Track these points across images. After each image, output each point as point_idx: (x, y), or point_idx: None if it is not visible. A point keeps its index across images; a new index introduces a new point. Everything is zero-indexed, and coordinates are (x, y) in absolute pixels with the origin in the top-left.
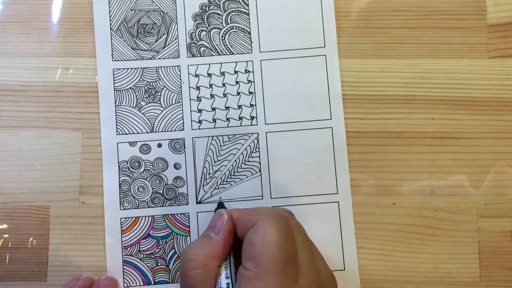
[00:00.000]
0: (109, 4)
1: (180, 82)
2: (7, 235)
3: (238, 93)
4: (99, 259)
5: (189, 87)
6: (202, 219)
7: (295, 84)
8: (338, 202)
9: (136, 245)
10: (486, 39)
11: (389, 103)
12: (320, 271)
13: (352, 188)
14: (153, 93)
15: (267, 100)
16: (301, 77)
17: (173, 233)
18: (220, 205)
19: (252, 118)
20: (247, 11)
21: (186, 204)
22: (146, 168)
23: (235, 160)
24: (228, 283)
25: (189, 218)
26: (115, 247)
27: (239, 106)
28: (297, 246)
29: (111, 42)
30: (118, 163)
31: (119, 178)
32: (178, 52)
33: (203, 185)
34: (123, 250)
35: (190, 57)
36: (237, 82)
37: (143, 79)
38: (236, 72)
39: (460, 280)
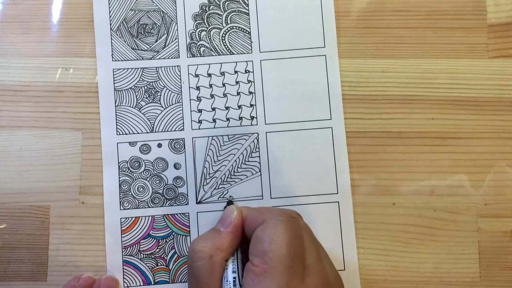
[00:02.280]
0: (109, 4)
1: (180, 82)
2: (7, 235)
3: (238, 93)
4: (99, 259)
5: (189, 87)
6: (202, 219)
7: (295, 84)
8: (338, 202)
9: (136, 245)
10: (486, 39)
11: (389, 103)
12: (327, 272)
13: (352, 188)
14: (153, 93)
15: (267, 100)
16: (301, 77)
17: (173, 233)
18: (230, 203)
19: (252, 118)
20: (247, 11)
21: (186, 204)
22: (146, 168)
23: (235, 160)
24: (234, 277)
25: (189, 218)
26: (115, 247)
27: (239, 106)
28: (304, 247)
29: (111, 42)
30: (118, 163)
31: (119, 178)
32: (178, 52)
33: (203, 185)
34: (123, 250)
35: (190, 57)
36: (237, 82)
37: (143, 79)
38: (236, 72)
39: (460, 280)
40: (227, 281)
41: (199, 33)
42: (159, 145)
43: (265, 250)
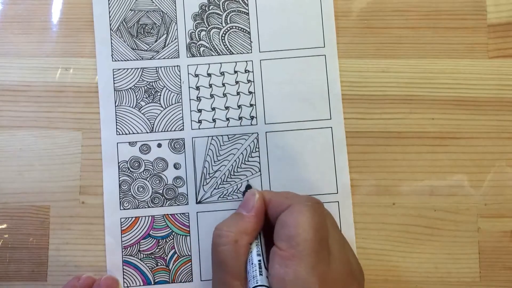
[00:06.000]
0: (109, 4)
1: (180, 82)
2: (7, 235)
3: (238, 93)
4: (99, 259)
5: (189, 87)
6: (202, 219)
7: (295, 84)
8: (338, 202)
9: (136, 245)
10: (486, 39)
11: (389, 103)
12: (350, 260)
13: (352, 188)
14: (153, 93)
15: (266, 100)
16: (301, 77)
17: (173, 233)
18: (248, 187)
19: (252, 118)
20: (247, 11)
21: (186, 204)
22: (146, 168)
23: (235, 160)
24: (259, 260)
25: (189, 218)
26: (115, 247)
27: (239, 106)
28: (328, 233)
29: (111, 42)
30: (118, 163)
31: (119, 178)
32: (178, 52)
33: (203, 185)
34: (123, 250)
35: (190, 57)
36: (236, 82)
37: (143, 79)
38: (235, 72)
39: (460, 280)
40: (252, 264)
41: (199, 33)
42: (159, 145)
43: (292, 235)
